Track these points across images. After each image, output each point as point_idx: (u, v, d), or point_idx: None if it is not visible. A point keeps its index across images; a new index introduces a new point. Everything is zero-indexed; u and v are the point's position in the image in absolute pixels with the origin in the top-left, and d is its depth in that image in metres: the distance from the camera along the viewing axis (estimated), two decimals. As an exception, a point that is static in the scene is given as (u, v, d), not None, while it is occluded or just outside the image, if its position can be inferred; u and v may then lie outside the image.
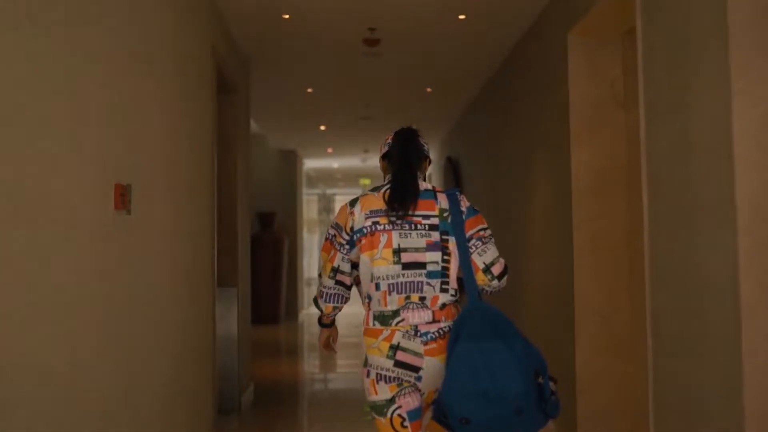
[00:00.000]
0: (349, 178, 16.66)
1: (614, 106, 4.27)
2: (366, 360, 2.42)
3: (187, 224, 3.92)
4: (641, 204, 3.86)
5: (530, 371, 2.22)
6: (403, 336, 2.33)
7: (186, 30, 4.02)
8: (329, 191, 20.53)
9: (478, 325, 2.25)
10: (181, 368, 3.70)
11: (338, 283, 2.52)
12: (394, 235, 2.38)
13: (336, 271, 2.50)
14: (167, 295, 3.43)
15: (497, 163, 6.67)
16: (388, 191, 2.45)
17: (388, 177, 2.54)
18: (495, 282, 2.45)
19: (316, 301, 2.62)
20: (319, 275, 2.59)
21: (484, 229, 2.48)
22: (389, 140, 2.59)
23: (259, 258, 11.04)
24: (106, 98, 2.63)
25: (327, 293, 2.55)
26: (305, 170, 14.64)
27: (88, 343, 2.40)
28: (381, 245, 2.38)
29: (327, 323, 2.72)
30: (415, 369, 2.34)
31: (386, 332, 2.35)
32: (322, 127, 9.75)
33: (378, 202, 2.44)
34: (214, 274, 4.53)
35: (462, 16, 5.06)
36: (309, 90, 7.41)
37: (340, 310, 2.62)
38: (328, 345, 2.75)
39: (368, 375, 2.41)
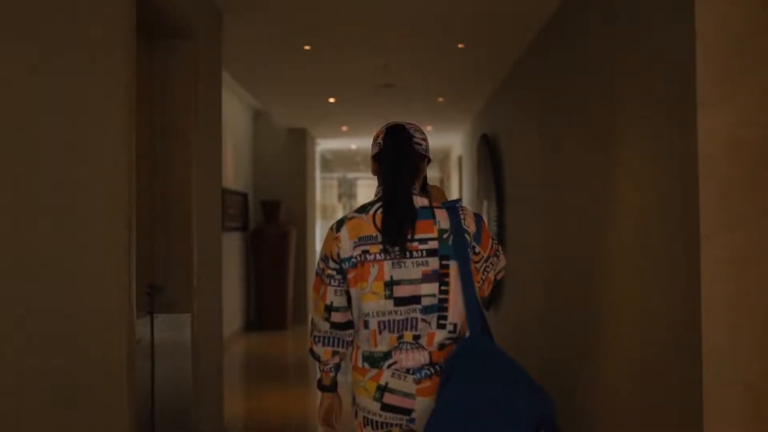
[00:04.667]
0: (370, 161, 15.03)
1: (776, 38, 2.58)
2: (353, 399, 2.21)
3: (51, 241, 2.35)
4: None
5: (529, 425, 1.96)
6: (393, 375, 2.11)
7: None
8: (350, 175, 18.99)
9: (476, 364, 2.02)
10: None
11: (334, 325, 2.22)
12: (386, 265, 2.13)
13: (330, 309, 2.20)
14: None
15: (556, 141, 4.97)
16: (379, 213, 2.17)
17: (379, 190, 2.24)
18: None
19: (311, 352, 2.31)
20: (312, 321, 2.30)
21: (493, 240, 2.28)
22: (380, 139, 2.27)
23: (261, 254, 9.54)
24: None
25: (322, 336, 2.24)
26: (320, 152, 13.04)
27: None
28: (371, 278, 2.13)
29: (327, 384, 2.33)
30: (407, 412, 2.13)
31: (372, 372, 2.14)
32: (331, 99, 8.12)
33: (367, 226, 2.17)
34: (131, 304, 2.95)
35: None
36: (307, 47, 5.76)
37: (342, 358, 2.30)
38: (329, 420, 2.35)
39: (356, 416, 2.22)
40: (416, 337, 2.12)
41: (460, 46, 5.78)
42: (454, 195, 12.89)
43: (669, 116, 2.95)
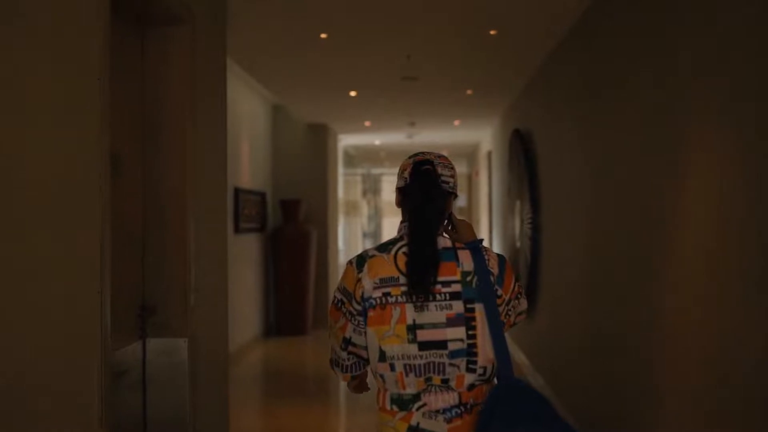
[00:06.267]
0: (395, 156, 14.54)
1: None
2: None
3: (6, 259, 1.89)
4: None
5: None
6: (424, 415, 2.06)
7: None
8: (375, 171, 18.49)
9: (514, 407, 1.99)
10: None
11: (352, 354, 2.21)
12: (408, 308, 2.06)
13: (348, 342, 2.19)
14: None
15: (603, 136, 4.42)
16: (401, 254, 2.11)
17: (402, 227, 2.18)
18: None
19: (331, 367, 2.34)
20: (331, 344, 2.29)
21: (517, 281, 2.20)
22: (406, 173, 2.19)
23: (280, 255, 9.10)
24: None
25: (343, 364, 2.26)
26: (343, 148, 12.56)
27: None
28: (393, 320, 2.07)
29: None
30: None
31: (401, 413, 2.07)
32: (352, 93, 7.62)
33: (389, 267, 2.11)
34: (104, 336, 2.47)
35: None
36: (323, 35, 5.26)
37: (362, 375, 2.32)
38: (361, 386, 2.37)
39: None
40: (445, 381, 2.06)
41: (492, 32, 5.24)
42: (482, 192, 12.36)
43: (762, 102, 2.40)
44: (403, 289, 2.06)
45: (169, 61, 3.52)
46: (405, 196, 2.19)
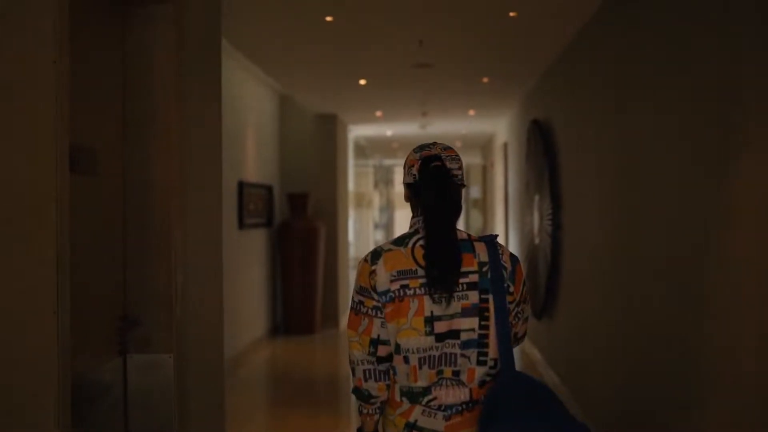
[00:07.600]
0: (408, 147, 14.15)
1: None
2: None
3: None
4: None
5: None
6: (423, 412, 2.07)
7: None
8: (387, 162, 18.12)
9: (517, 400, 1.99)
10: None
11: (380, 360, 2.11)
12: (426, 300, 2.07)
13: (376, 343, 2.11)
14: None
15: (637, 127, 4.01)
16: (418, 247, 2.10)
17: (417, 221, 2.16)
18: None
19: (357, 391, 2.17)
20: (354, 361, 2.15)
21: (524, 285, 2.19)
22: (415, 169, 2.18)
23: (287, 251, 8.75)
24: None
25: (372, 370, 2.12)
26: (354, 139, 12.18)
27: None
28: (411, 313, 2.07)
29: (370, 431, 2.21)
30: None
31: (405, 406, 2.09)
32: (362, 81, 7.23)
33: (406, 260, 2.09)
34: (61, 355, 2.12)
35: None
36: (328, 18, 4.88)
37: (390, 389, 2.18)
38: None
39: None
40: (456, 373, 2.06)
41: (511, 14, 4.84)
42: (498, 184, 11.97)
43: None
44: (422, 281, 2.05)
45: (153, 44, 3.15)
46: (416, 193, 2.17)
